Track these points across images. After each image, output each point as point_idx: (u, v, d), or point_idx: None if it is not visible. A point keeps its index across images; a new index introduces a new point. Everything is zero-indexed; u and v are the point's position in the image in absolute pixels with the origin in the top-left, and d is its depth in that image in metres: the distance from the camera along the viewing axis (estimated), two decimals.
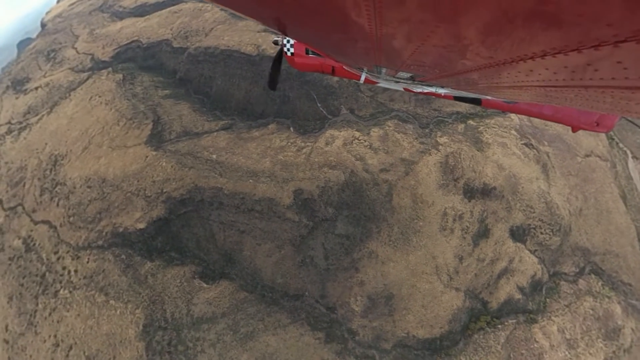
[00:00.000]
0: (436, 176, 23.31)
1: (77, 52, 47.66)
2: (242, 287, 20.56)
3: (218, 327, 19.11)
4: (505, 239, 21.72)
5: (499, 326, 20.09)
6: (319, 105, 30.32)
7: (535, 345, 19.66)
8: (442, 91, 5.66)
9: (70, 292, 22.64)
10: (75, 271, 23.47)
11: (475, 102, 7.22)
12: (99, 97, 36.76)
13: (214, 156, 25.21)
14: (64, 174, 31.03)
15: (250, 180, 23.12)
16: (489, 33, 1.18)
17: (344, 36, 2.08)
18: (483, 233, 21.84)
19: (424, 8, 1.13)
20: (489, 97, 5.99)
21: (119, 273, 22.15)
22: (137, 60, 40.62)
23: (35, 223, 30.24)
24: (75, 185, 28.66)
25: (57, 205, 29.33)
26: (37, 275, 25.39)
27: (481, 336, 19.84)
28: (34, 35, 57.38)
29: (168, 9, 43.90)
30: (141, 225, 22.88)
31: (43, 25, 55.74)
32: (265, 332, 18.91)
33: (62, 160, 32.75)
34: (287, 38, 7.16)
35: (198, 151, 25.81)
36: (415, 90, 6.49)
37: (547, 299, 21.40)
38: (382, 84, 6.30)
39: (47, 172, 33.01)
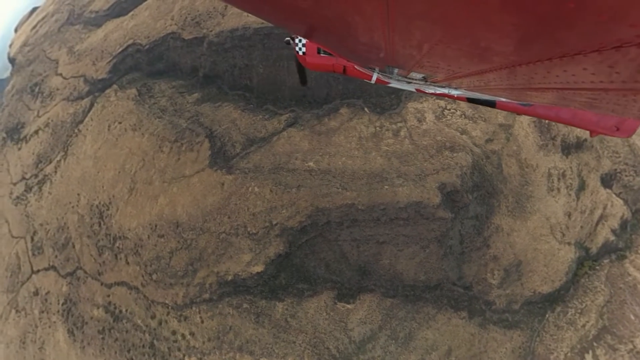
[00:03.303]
0: (534, 137, 22.51)
1: (64, 78, 40.36)
2: (385, 294, 19.29)
3: (380, 342, 18.54)
4: (598, 187, 22.56)
5: (597, 267, 21.70)
6: None
7: (629, 278, 21.27)
8: (455, 92, 5.25)
9: (200, 359, 19.04)
10: (192, 334, 19.62)
11: (490, 104, 6.47)
12: (119, 123, 30.69)
13: (311, 164, 20.12)
14: (119, 225, 26.18)
15: (386, 187, 19.23)
16: (505, 33, 1.13)
17: (356, 36, 2.03)
18: (581, 186, 22.35)
19: (437, 8, 1.09)
20: (503, 99, 5.58)
21: (253, 326, 18.36)
22: (141, 67, 33.71)
23: (109, 287, 26.07)
24: (141, 237, 23.94)
25: (127, 263, 24.89)
26: (144, 346, 21.67)
27: (587, 279, 21.44)
28: (6, 75, 49.35)
29: None
30: (258, 269, 18.61)
31: (12, 60, 47.32)
32: (420, 329, 19.06)
33: (107, 210, 27.72)
34: (299, 37, 6.80)
35: (285, 162, 20.60)
36: (427, 91, 5.87)
37: (632, 235, 22.79)
38: (394, 84, 5.55)
39: (96, 227, 28.17)
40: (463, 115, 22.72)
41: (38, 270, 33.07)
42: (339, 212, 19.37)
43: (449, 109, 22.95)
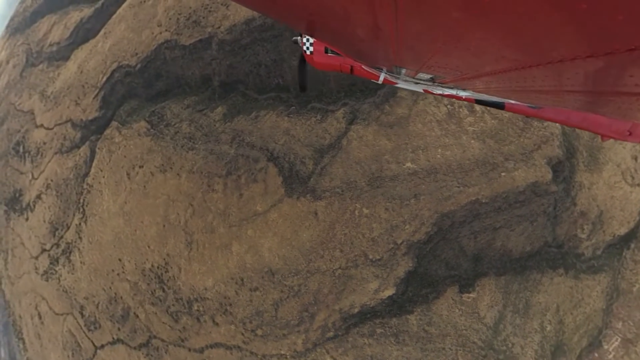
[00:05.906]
0: None
1: (47, 128, 34.48)
2: (497, 273, 19.27)
3: (508, 319, 19.04)
4: None
5: None
6: None
7: None
8: (463, 94, 5.26)
9: None
10: None
11: (498, 106, 6.36)
12: (140, 167, 25.91)
13: (409, 164, 16.53)
14: (189, 287, 22.50)
15: (503, 174, 17.31)
16: (515, 34, 1.09)
17: (364, 36, 1.97)
18: None
19: (446, 8, 1.06)
20: (512, 101, 5.65)
21: (395, 347, 16.63)
22: (137, 92, 28.17)
23: (199, 351, 22.97)
24: (226, 295, 20.41)
25: (216, 324, 21.59)
26: None
27: None
28: None
29: (123, 7, 29.22)
30: (389, 292, 16.57)
31: None
32: (532, 296, 19.97)
33: (166, 272, 23.84)
34: (307, 37, 6.60)
35: (378, 169, 16.73)
36: (435, 92, 5.72)
37: None
38: (401, 84, 5.60)
39: (159, 292, 24.47)
40: None
41: (102, 346, 29.89)
42: (464, 211, 17.15)
43: None
